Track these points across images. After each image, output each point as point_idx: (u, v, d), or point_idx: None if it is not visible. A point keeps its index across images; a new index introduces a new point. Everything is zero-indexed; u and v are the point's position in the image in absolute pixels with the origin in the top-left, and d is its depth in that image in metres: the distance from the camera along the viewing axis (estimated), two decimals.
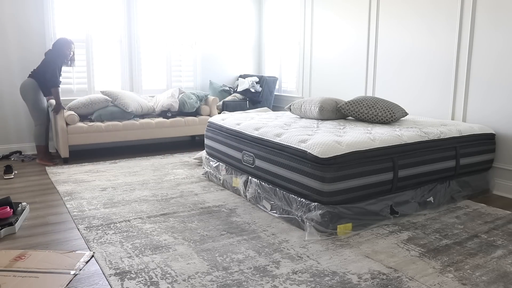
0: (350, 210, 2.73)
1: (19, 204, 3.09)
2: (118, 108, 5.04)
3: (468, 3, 3.78)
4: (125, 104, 5.04)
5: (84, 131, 4.78)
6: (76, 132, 4.74)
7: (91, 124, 4.82)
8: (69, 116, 4.73)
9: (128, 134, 5.02)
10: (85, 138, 4.80)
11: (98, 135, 4.86)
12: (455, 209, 3.24)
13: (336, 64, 5.31)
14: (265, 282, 2.12)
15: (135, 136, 5.06)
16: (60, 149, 4.70)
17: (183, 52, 6.09)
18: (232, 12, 6.43)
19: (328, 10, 5.37)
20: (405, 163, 2.98)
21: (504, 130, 3.62)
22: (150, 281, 2.13)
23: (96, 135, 4.85)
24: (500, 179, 3.67)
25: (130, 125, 5.01)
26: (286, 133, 3.10)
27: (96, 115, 4.94)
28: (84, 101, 4.94)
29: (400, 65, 4.49)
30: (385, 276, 2.20)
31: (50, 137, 5.19)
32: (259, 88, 6.01)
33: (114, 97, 5.03)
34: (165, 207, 3.23)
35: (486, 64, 3.70)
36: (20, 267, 2.25)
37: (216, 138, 3.81)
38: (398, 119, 3.65)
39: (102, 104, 4.97)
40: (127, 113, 5.09)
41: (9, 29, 4.87)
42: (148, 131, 5.13)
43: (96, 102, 4.94)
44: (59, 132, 4.64)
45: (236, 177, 3.52)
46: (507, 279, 2.18)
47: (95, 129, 4.83)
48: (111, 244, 2.56)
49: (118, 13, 5.52)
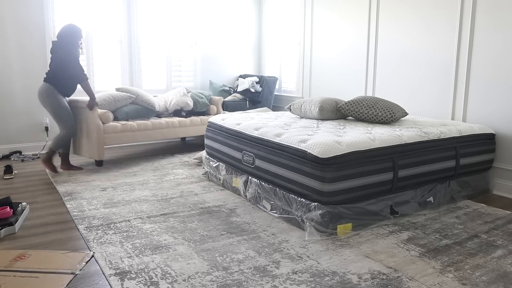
0: (350, 210, 2.73)
1: (19, 204, 3.09)
2: (141, 106, 4.73)
3: (468, 3, 3.78)
4: (149, 101, 4.74)
5: (118, 130, 4.39)
6: (112, 131, 4.33)
7: (124, 123, 4.45)
8: (104, 114, 4.27)
9: (156, 133, 4.73)
10: (119, 138, 4.39)
11: (130, 135, 4.48)
12: (455, 209, 3.24)
13: (336, 64, 5.31)
14: (265, 282, 2.12)
15: (162, 136, 4.79)
16: (92, 151, 4.27)
17: (183, 52, 6.09)
18: (232, 12, 6.43)
19: (328, 10, 5.37)
20: (405, 163, 2.98)
21: (504, 130, 3.62)
22: (150, 281, 2.13)
23: (129, 135, 4.47)
24: (500, 179, 3.67)
25: (158, 124, 4.73)
26: (286, 133, 3.10)
27: (121, 112, 4.56)
28: (106, 97, 4.52)
29: (400, 65, 4.49)
30: (385, 276, 2.20)
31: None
32: (259, 88, 6.01)
33: (135, 94, 4.72)
34: (165, 207, 3.23)
35: (486, 64, 3.70)
36: (20, 267, 2.25)
37: (216, 138, 3.81)
38: (398, 119, 3.65)
39: (125, 101, 4.60)
40: (152, 111, 4.80)
41: (9, 29, 4.87)
42: (172, 131, 4.88)
43: (119, 99, 4.55)
44: (94, 132, 4.17)
45: (236, 177, 3.52)
46: (507, 279, 2.18)
47: (128, 128, 4.47)
48: (111, 244, 2.56)
49: (118, 12, 5.52)
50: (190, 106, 5.17)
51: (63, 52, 3.99)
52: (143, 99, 4.72)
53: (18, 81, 4.97)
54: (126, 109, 4.57)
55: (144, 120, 4.73)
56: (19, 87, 4.99)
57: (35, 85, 5.05)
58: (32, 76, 5.03)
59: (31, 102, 5.06)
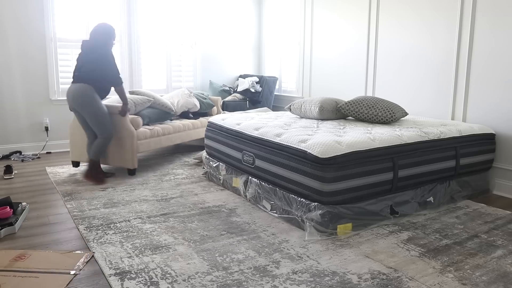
0: (350, 210, 2.73)
1: (19, 204, 3.09)
2: (158, 109, 4.51)
3: (468, 3, 3.78)
4: (165, 104, 4.53)
5: (148, 136, 4.15)
6: (143, 137, 4.08)
7: (151, 128, 4.23)
8: (134, 119, 4.01)
9: (176, 137, 4.54)
10: (149, 144, 4.15)
11: (157, 140, 4.26)
12: (455, 209, 3.24)
13: (336, 64, 5.31)
14: (265, 282, 2.12)
15: (180, 139, 4.62)
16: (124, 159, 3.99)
17: (183, 52, 6.09)
18: (232, 12, 6.44)
19: (328, 10, 5.37)
20: (405, 163, 2.98)
21: (504, 130, 3.62)
22: (150, 281, 2.13)
23: (156, 141, 4.24)
24: (500, 179, 3.67)
25: (177, 127, 4.58)
26: (286, 133, 3.10)
27: (143, 117, 4.27)
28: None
29: (400, 65, 4.49)
30: (385, 276, 2.20)
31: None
32: (259, 88, 6.02)
33: (151, 97, 4.47)
34: (165, 207, 3.23)
35: (486, 64, 3.70)
36: (20, 267, 2.25)
37: (216, 138, 3.81)
38: (398, 119, 3.65)
39: (144, 105, 4.31)
40: (168, 114, 4.62)
41: (9, 30, 4.87)
42: (188, 133, 4.74)
43: (138, 103, 4.23)
44: (127, 139, 3.91)
45: (236, 177, 3.52)
46: (507, 279, 2.18)
47: (155, 133, 4.25)
48: (111, 244, 2.56)
49: (118, 13, 5.52)
50: (198, 107, 5.06)
51: (100, 53, 3.80)
52: (159, 102, 4.50)
53: (18, 81, 4.97)
54: (146, 113, 4.32)
55: (162, 124, 4.53)
56: (19, 87, 4.99)
57: (35, 85, 5.05)
58: (32, 76, 5.03)
59: (31, 102, 5.07)
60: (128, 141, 3.93)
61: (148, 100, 4.34)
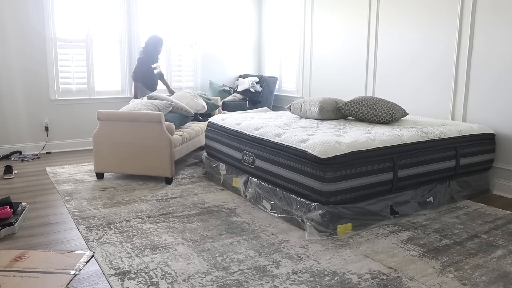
0: (350, 210, 2.73)
1: (19, 204, 3.09)
2: (178, 114, 4.40)
3: (468, 3, 3.78)
4: (183, 107, 4.41)
5: (180, 142, 4.00)
6: (177, 144, 3.93)
7: (181, 134, 4.12)
8: (169, 126, 3.79)
9: (197, 141, 4.46)
10: (181, 151, 4.02)
11: (185, 146, 4.13)
12: (455, 209, 3.24)
13: (336, 64, 5.31)
14: (265, 282, 2.12)
15: (200, 143, 4.57)
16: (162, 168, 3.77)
17: (183, 52, 6.09)
18: (232, 12, 6.43)
19: (328, 10, 5.37)
20: (405, 163, 2.98)
21: (504, 130, 3.62)
22: (150, 281, 2.13)
23: (184, 146, 4.10)
24: (500, 179, 3.67)
25: (198, 131, 4.50)
26: (286, 133, 3.10)
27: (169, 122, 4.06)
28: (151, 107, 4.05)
29: (400, 65, 4.49)
30: (385, 276, 2.20)
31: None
32: (259, 88, 6.01)
33: (169, 101, 4.34)
34: (165, 207, 3.23)
35: (486, 64, 3.70)
36: (20, 267, 2.25)
37: (216, 138, 3.81)
38: (398, 119, 3.64)
39: (166, 109, 4.15)
40: (187, 117, 4.56)
41: (9, 30, 4.87)
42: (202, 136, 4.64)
43: (162, 108, 4.06)
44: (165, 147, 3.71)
45: (236, 177, 3.52)
46: (507, 279, 2.18)
47: (185, 139, 4.13)
48: (111, 244, 2.56)
49: (118, 13, 5.51)
50: (205, 109, 4.98)
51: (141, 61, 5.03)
52: (177, 106, 4.37)
53: (18, 81, 4.97)
54: (170, 118, 4.15)
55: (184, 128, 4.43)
56: (19, 87, 4.99)
57: (35, 85, 5.05)
58: (32, 76, 5.03)
59: (31, 102, 5.07)
60: (165, 149, 3.72)
61: (169, 105, 4.18)
